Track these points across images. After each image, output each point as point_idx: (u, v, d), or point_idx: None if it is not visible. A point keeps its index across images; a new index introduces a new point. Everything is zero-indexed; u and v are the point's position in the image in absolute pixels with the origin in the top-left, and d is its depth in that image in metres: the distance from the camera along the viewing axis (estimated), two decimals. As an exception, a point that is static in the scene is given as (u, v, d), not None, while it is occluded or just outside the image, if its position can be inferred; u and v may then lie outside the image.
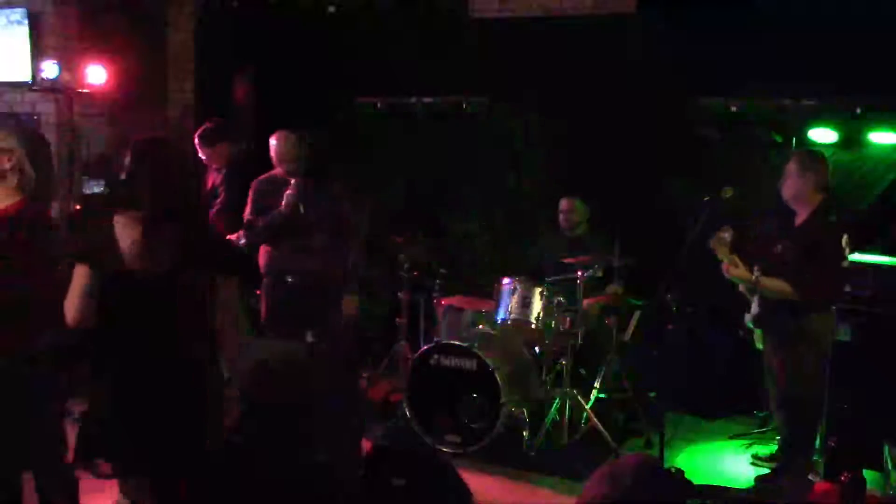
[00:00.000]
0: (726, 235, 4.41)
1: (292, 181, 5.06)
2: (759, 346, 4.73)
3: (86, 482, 3.55)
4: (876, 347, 4.90)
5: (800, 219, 4.51)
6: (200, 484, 3.32)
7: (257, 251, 5.31)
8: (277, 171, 5.20)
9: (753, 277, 4.36)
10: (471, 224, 6.66)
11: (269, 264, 5.21)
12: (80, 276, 2.84)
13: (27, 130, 3.56)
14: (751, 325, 4.68)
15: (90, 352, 2.99)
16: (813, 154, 4.63)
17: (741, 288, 4.63)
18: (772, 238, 4.55)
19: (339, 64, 6.81)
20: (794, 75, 5.60)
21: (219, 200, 5.73)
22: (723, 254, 4.43)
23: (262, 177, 5.25)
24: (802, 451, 4.63)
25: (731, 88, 5.79)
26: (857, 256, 4.88)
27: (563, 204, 5.98)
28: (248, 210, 5.20)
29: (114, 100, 6.86)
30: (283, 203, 5.01)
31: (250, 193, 5.24)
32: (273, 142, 5.18)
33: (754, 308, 4.59)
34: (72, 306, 2.85)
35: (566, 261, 5.47)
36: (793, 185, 4.48)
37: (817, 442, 4.87)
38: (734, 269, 4.44)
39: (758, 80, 5.66)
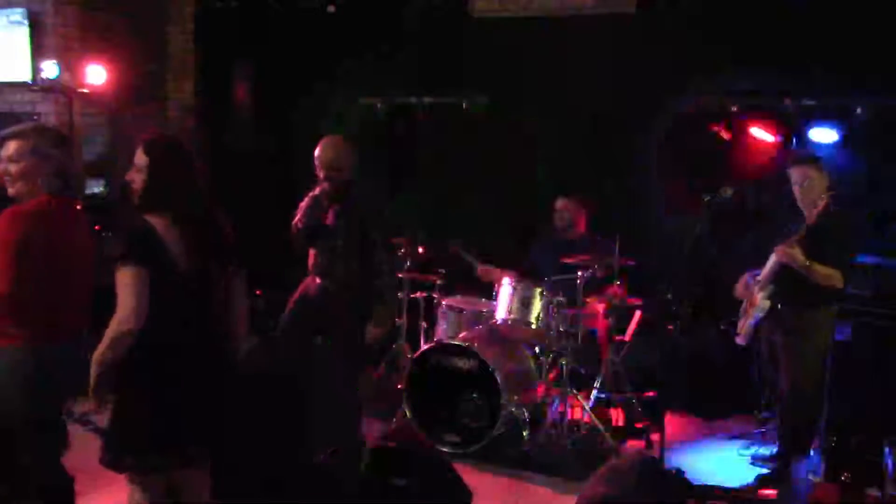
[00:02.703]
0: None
1: (318, 188, 4.80)
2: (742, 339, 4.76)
3: (80, 485, 3.57)
4: (876, 347, 4.90)
5: (809, 219, 4.56)
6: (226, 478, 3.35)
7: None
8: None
9: (807, 262, 4.38)
10: (470, 223, 6.65)
11: (309, 269, 4.99)
12: (133, 277, 2.81)
13: (43, 130, 3.56)
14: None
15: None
16: (819, 158, 4.65)
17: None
18: (786, 238, 4.54)
19: (340, 63, 6.81)
20: (794, 75, 5.60)
21: None
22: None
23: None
24: (800, 447, 4.63)
25: (731, 88, 5.78)
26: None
27: (558, 203, 5.98)
28: (296, 217, 4.91)
29: (114, 100, 6.86)
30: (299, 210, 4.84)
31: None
32: (317, 150, 4.80)
33: (759, 312, 4.62)
34: (134, 312, 2.81)
35: (566, 261, 5.47)
36: (809, 191, 4.52)
37: (818, 442, 4.88)
38: (791, 250, 4.44)
39: (758, 80, 5.66)
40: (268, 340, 5.22)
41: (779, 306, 4.61)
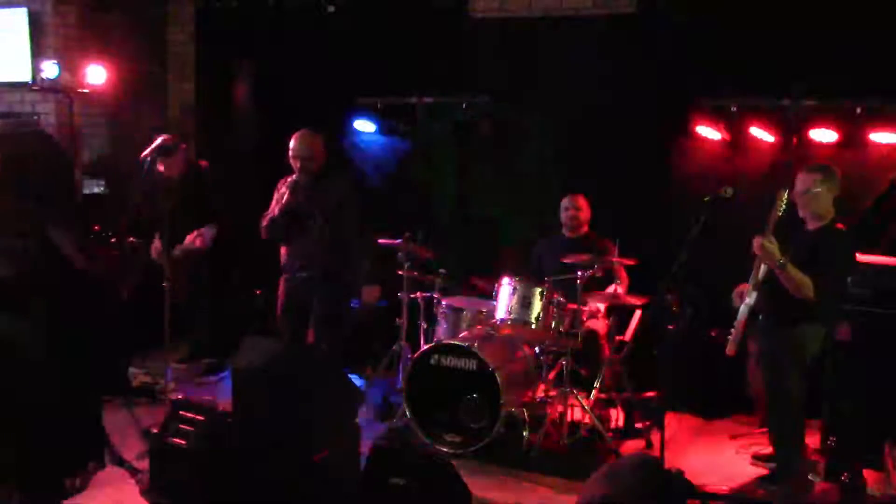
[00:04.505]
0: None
1: (293, 177, 5.27)
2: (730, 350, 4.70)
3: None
4: (876, 347, 4.89)
5: (811, 226, 4.53)
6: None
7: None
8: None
9: (782, 259, 4.33)
10: (471, 224, 6.65)
11: (284, 262, 5.44)
12: None
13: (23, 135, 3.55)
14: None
15: None
16: (831, 169, 4.55)
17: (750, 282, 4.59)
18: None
19: (339, 63, 6.81)
20: (794, 75, 5.60)
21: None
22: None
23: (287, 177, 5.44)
24: (791, 452, 4.62)
25: (731, 88, 5.78)
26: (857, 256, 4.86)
27: (567, 201, 5.97)
28: (271, 207, 5.40)
29: (114, 100, 6.86)
30: (278, 199, 5.26)
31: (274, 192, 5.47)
32: (292, 141, 5.34)
33: (745, 307, 4.59)
34: None
35: (566, 261, 5.46)
36: (813, 201, 4.46)
37: (818, 442, 4.88)
38: (770, 245, 4.38)
39: (758, 80, 5.66)
40: (267, 340, 5.22)
41: (759, 318, 4.59)
